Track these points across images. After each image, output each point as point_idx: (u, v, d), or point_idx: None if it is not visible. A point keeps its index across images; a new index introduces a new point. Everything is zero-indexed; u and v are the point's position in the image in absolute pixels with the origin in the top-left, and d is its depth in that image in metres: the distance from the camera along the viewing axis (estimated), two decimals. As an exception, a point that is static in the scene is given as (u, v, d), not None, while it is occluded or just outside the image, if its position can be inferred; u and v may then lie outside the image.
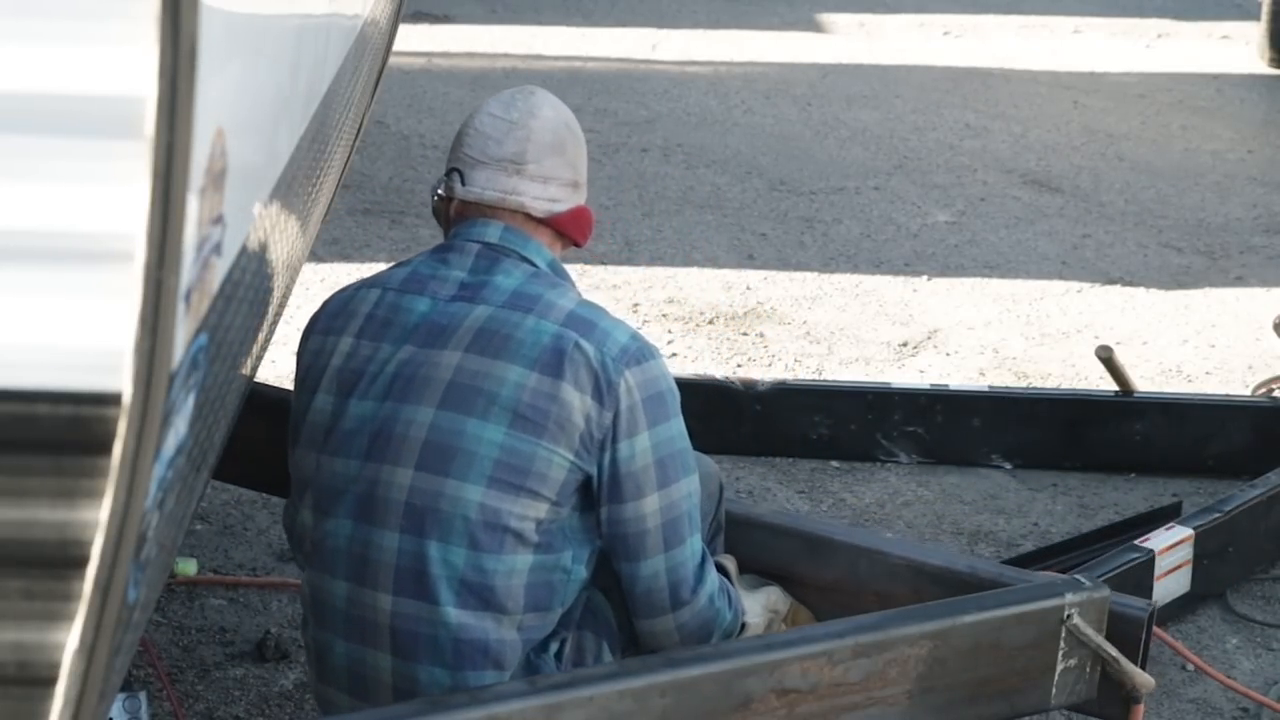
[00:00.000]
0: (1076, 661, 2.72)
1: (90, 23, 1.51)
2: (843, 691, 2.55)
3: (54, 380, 1.57)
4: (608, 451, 2.52)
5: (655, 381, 2.56)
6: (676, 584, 2.59)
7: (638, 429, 2.53)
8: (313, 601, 2.63)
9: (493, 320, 2.54)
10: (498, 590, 2.50)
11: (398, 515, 2.51)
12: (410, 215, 6.20)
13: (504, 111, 2.67)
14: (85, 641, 1.63)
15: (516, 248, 2.63)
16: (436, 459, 2.50)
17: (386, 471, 2.52)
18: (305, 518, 2.62)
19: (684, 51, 9.17)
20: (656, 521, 2.56)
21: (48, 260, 1.55)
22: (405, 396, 2.53)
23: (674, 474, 2.57)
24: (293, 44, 2.12)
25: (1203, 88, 8.84)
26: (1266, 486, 3.87)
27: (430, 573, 2.49)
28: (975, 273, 5.98)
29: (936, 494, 4.31)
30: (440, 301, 2.59)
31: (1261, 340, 5.31)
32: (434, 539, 2.49)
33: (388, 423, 2.53)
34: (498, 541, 2.49)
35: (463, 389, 2.51)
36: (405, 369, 2.55)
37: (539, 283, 2.60)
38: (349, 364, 2.59)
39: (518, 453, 2.48)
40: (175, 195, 1.51)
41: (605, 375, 2.50)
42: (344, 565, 2.56)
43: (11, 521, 1.60)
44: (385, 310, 2.61)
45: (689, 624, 2.61)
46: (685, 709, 2.44)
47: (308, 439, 2.62)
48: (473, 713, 2.34)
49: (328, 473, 2.58)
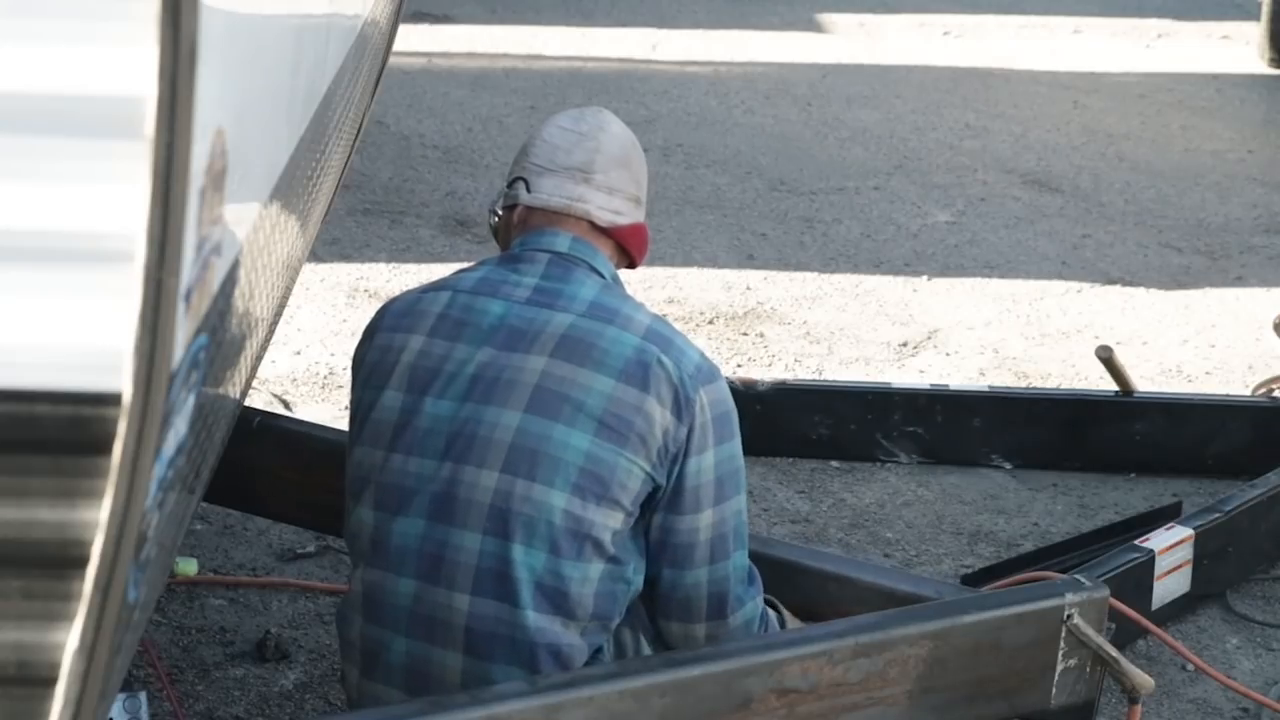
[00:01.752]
0: (1076, 661, 2.72)
1: (90, 23, 1.51)
2: (843, 691, 2.55)
3: (54, 380, 1.57)
4: (678, 464, 2.55)
5: (724, 401, 2.60)
6: (717, 595, 2.62)
7: (706, 445, 2.56)
8: (366, 598, 2.61)
9: (575, 328, 2.56)
10: (571, 596, 2.52)
11: (481, 516, 2.51)
12: (410, 215, 6.20)
13: (573, 125, 2.74)
14: (85, 641, 1.63)
15: (586, 258, 2.66)
16: (522, 462, 2.51)
17: (469, 473, 2.52)
18: (364, 515, 2.61)
19: (684, 51, 9.17)
20: (708, 535, 2.59)
21: (48, 260, 1.55)
22: (489, 398, 2.54)
23: (729, 491, 2.61)
24: (293, 44, 2.12)
25: (1203, 88, 8.84)
26: (1266, 486, 3.87)
27: (513, 575, 2.50)
28: (975, 273, 5.98)
29: (936, 494, 4.31)
30: (516, 304, 2.60)
31: (1261, 340, 5.31)
32: (518, 542, 2.50)
33: (469, 424, 2.54)
34: (577, 548, 2.51)
35: (550, 394, 2.52)
36: (487, 371, 2.56)
37: (612, 294, 2.63)
38: (422, 362, 2.59)
39: (602, 461, 2.50)
40: (175, 195, 1.51)
41: (684, 391, 2.54)
42: (413, 563, 2.55)
43: (11, 521, 1.60)
44: (458, 311, 2.62)
45: (719, 637, 2.63)
46: (685, 709, 2.44)
47: (371, 436, 2.61)
48: (473, 713, 2.34)
49: (398, 471, 2.57)
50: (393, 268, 5.63)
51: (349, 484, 2.67)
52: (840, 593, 2.95)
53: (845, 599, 2.94)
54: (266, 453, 3.31)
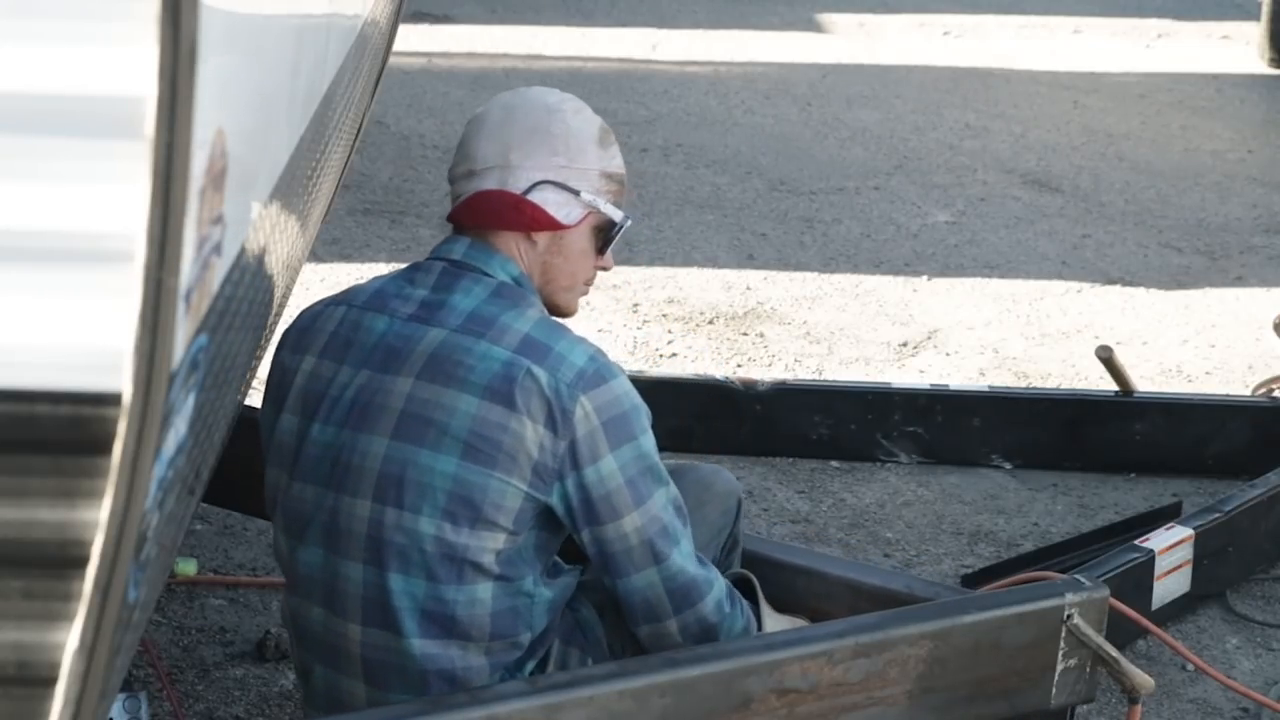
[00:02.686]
0: (1076, 661, 2.72)
1: (90, 23, 1.51)
2: (843, 691, 2.55)
3: (54, 380, 1.57)
4: (569, 478, 2.47)
5: (616, 403, 2.50)
6: (677, 590, 2.56)
7: (600, 454, 2.48)
8: (295, 626, 2.63)
9: (445, 346, 2.50)
10: (460, 620, 2.49)
11: (359, 547, 2.50)
12: (410, 215, 6.20)
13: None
14: (85, 641, 1.63)
15: (478, 264, 2.59)
16: (390, 491, 2.47)
17: (346, 502, 2.51)
18: (280, 541, 2.62)
19: (684, 51, 9.17)
20: (640, 538, 2.53)
21: (48, 260, 1.55)
22: (360, 425, 2.51)
23: (646, 490, 2.53)
24: (293, 44, 2.12)
25: (1202, 88, 8.84)
26: (1266, 486, 3.87)
27: (393, 605, 2.48)
28: (975, 273, 5.98)
29: (936, 494, 4.31)
30: (398, 321, 2.55)
31: (1261, 340, 5.31)
32: (394, 570, 2.47)
33: (345, 451, 2.51)
34: (456, 573, 2.47)
35: (414, 419, 2.47)
36: (362, 395, 2.52)
37: (498, 303, 2.54)
38: (311, 385, 2.57)
39: (470, 484, 2.44)
40: (175, 195, 1.51)
41: (559, 403, 2.45)
42: (319, 593, 2.56)
43: (11, 521, 1.60)
44: (347, 329, 2.58)
45: (692, 626, 2.58)
46: (685, 709, 2.44)
47: (276, 458, 2.61)
48: (473, 713, 2.34)
49: (296, 498, 2.57)
50: (393, 268, 5.61)
51: (266, 501, 2.66)
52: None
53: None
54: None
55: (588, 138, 2.65)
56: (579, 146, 2.63)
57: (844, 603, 2.90)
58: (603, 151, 2.66)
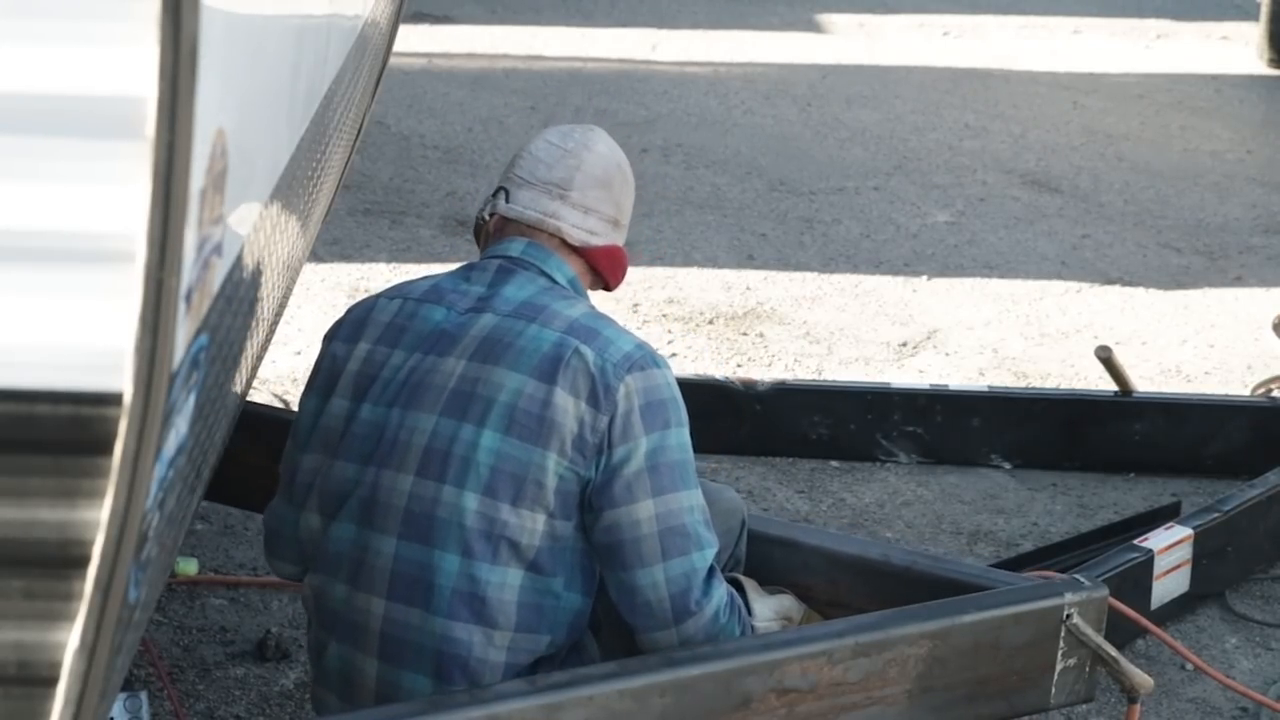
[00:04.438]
0: (1076, 661, 2.72)
1: (91, 23, 1.51)
2: (843, 691, 2.55)
3: (55, 380, 1.57)
4: (604, 455, 2.49)
5: (657, 389, 2.53)
6: (679, 595, 2.53)
7: (634, 434, 2.50)
8: (316, 605, 2.63)
9: (497, 329, 2.55)
10: (489, 602, 2.48)
11: (397, 521, 2.51)
12: (410, 215, 6.20)
13: (560, 140, 2.73)
14: (86, 641, 1.64)
15: (536, 261, 2.65)
16: (434, 465, 2.50)
17: (388, 476, 2.53)
18: (311, 521, 2.62)
19: (684, 51, 9.17)
20: (652, 529, 2.51)
21: (48, 260, 1.55)
22: (410, 403, 2.55)
23: (670, 483, 2.53)
24: (293, 44, 2.12)
25: (1202, 88, 8.84)
26: (1265, 486, 3.87)
27: (425, 579, 2.49)
28: (975, 273, 5.98)
29: (936, 494, 4.31)
30: (455, 313, 2.60)
31: (1261, 340, 5.31)
32: (432, 545, 2.49)
33: (392, 428, 2.54)
34: (491, 550, 2.47)
35: (461, 395, 2.52)
36: (413, 376, 2.56)
37: (551, 295, 2.60)
38: (365, 369, 2.61)
39: (513, 459, 2.47)
40: (176, 195, 1.51)
41: (603, 380, 2.49)
42: (345, 568, 2.56)
43: (12, 521, 1.61)
44: (403, 319, 2.62)
45: (694, 638, 2.56)
46: (685, 709, 2.44)
47: (320, 443, 2.62)
48: (473, 712, 2.34)
49: (334, 478, 2.59)
50: (393, 268, 5.63)
51: (292, 490, 2.67)
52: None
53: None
54: (267, 451, 3.31)
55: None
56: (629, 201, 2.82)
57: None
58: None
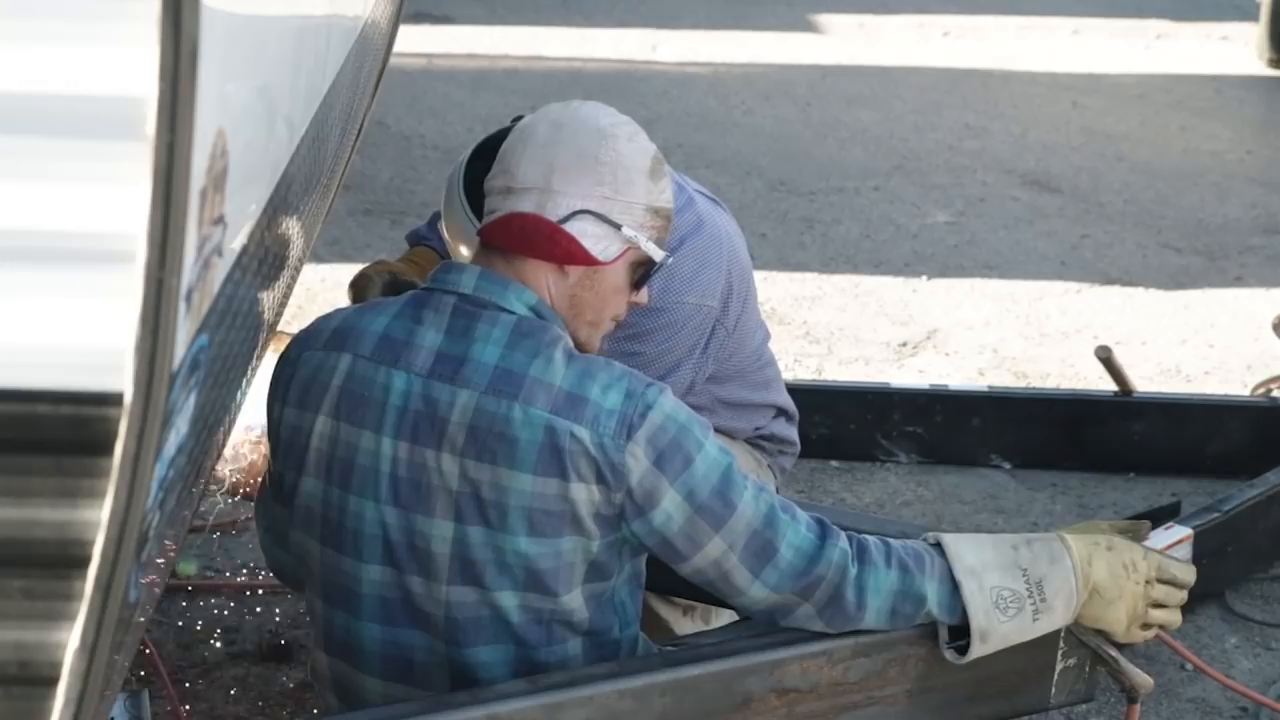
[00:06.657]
0: (1076, 661, 2.72)
1: (91, 23, 1.51)
2: (843, 691, 2.55)
3: (55, 380, 1.57)
4: (635, 523, 2.37)
5: (661, 434, 2.34)
6: (793, 589, 2.43)
7: (660, 493, 2.35)
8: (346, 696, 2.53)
9: (479, 414, 2.34)
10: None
11: (439, 626, 2.41)
12: (411, 215, 6.20)
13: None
14: (86, 641, 1.63)
15: (493, 297, 2.40)
16: (469, 572, 2.38)
17: (419, 584, 2.40)
18: (314, 603, 2.52)
19: (684, 51, 9.17)
20: (732, 561, 2.40)
21: (48, 260, 1.55)
22: (414, 505, 2.38)
23: (723, 509, 2.38)
24: (293, 44, 2.12)
25: (1202, 88, 8.85)
26: (1265, 486, 3.87)
27: (482, 679, 2.42)
28: (974, 273, 5.98)
29: (936, 494, 4.31)
30: (417, 379, 2.37)
31: (1261, 340, 5.31)
32: (481, 644, 2.41)
33: (405, 533, 2.39)
34: (544, 634, 2.42)
35: (471, 500, 2.36)
36: (407, 472, 2.38)
37: (522, 348, 2.36)
38: (335, 451, 2.41)
39: (541, 557, 2.36)
40: (176, 196, 1.51)
41: (608, 460, 2.32)
42: (378, 666, 2.47)
43: (12, 521, 1.61)
44: (357, 385, 2.40)
45: (834, 597, 2.45)
46: (685, 708, 2.44)
47: (304, 522, 2.48)
48: (473, 712, 2.34)
49: (344, 574, 2.45)
50: (392, 268, 5.63)
51: (299, 566, 2.55)
52: None
53: None
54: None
55: (638, 169, 2.43)
56: (627, 178, 2.42)
57: None
58: (652, 185, 2.44)
